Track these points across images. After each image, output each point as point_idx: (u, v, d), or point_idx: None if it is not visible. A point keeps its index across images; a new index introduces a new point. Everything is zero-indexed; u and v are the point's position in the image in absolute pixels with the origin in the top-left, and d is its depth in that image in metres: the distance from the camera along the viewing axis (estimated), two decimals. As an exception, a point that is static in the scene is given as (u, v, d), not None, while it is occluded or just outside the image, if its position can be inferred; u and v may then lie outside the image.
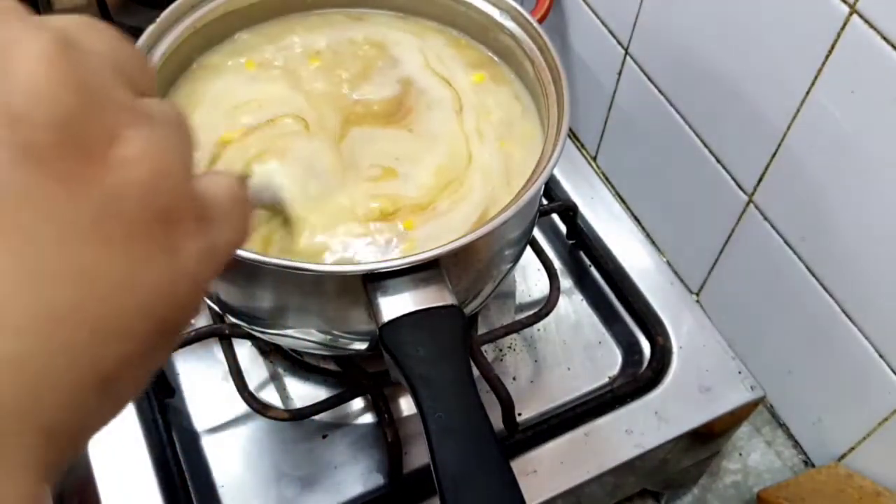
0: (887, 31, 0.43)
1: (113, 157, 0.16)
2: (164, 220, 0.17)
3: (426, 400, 0.35)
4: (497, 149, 0.49)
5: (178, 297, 0.18)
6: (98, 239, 0.16)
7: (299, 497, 0.49)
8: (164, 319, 0.17)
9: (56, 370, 0.15)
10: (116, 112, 0.17)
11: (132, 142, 0.17)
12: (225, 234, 0.20)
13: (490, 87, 0.52)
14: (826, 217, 0.52)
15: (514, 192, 0.43)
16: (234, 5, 0.51)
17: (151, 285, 0.17)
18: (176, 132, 0.19)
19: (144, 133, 0.17)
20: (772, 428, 0.63)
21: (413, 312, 0.37)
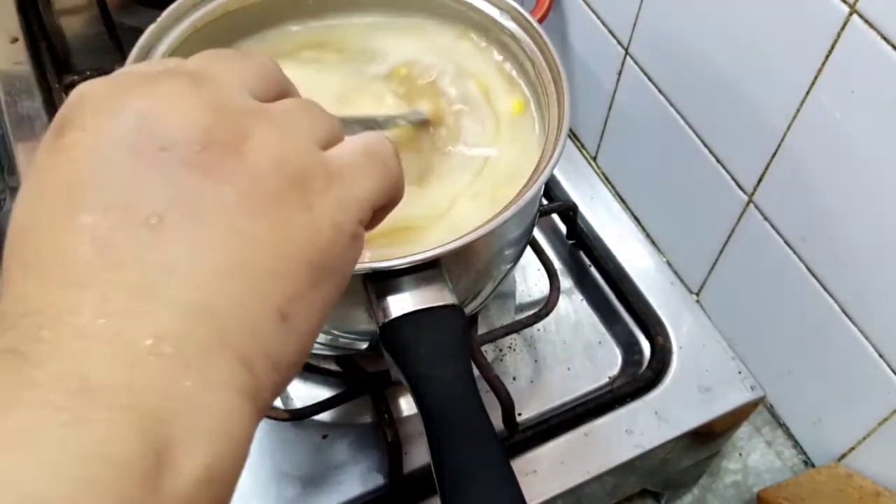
0: (887, 31, 0.43)
1: (245, 150, 0.22)
2: (295, 186, 0.22)
3: (426, 400, 0.35)
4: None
5: (323, 241, 0.22)
6: (246, 210, 0.21)
7: (299, 497, 0.49)
8: (315, 260, 0.22)
9: (234, 310, 0.20)
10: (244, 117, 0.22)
11: (259, 139, 0.22)
12: (360, 183, 0.24)
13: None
14: (826, 217, 0.52)
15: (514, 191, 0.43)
16: (234, 5, 0.51)
17: (299, 237, 0.22)
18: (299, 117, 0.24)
19: (266, 126, 0.22)
20: (772, 428, 0.63)
21: (413, 312, 0.37)
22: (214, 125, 0.21)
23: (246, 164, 0.21)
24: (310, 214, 0.22)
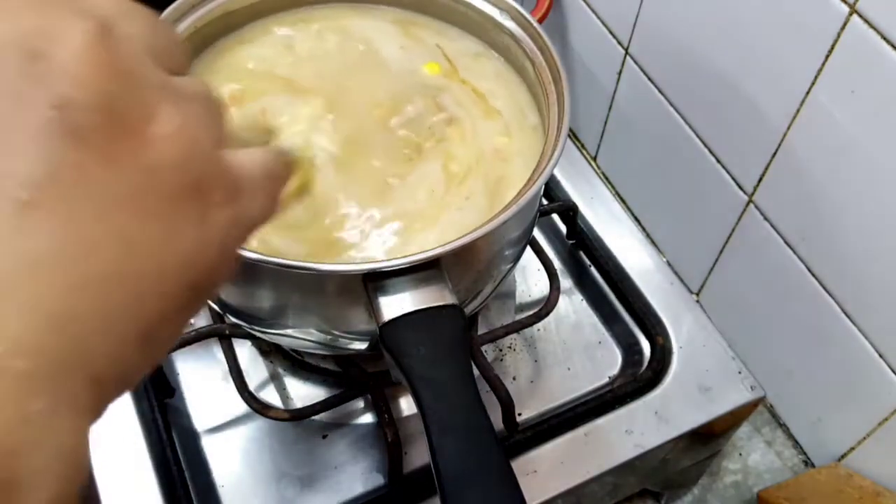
0: (887, 31, 0.43)
1: (149, 135, 0.18)
2: (195, 192, 0.19)
3: (427, 399, 0.35)
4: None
5: (207, 262, 0.19)
6: (136, 210, 0.18)
7: (299, 497, 0.49)
8: (195, 282, 0.19)
9: (101, 325, 0.17)
10: (151, 92, 0.19)
11: (165, 120, 0.18)
12: (254, 206, 0.21)
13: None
14: (826, 217, 0.52)
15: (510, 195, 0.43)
16: (234, 5, 0.51)
17: (183, 251, 0.19)
18: (205, 107, 0.20)
19: (176, 111, 0.19)
20: (772, 428, 0.63)
21: (413, 312, 0.37)
22: (120, 94, 0.18)
23: (147, 152, 0.18)
24: (201, 229, 0.19)
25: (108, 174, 0.17)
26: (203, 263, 0.19)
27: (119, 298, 0.17)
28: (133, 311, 0.18)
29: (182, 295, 0.19)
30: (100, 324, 0.17)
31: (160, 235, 0.18)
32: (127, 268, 0.17)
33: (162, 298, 0.18)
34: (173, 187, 0.18)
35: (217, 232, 0.20)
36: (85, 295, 0.16)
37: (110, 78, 0.18)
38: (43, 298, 0.16)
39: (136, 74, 0.18)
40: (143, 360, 0.19)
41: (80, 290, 0.16)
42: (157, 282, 0.18)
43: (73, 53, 0.17)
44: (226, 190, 0.20)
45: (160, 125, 0.18)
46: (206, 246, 0.19)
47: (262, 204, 0.22)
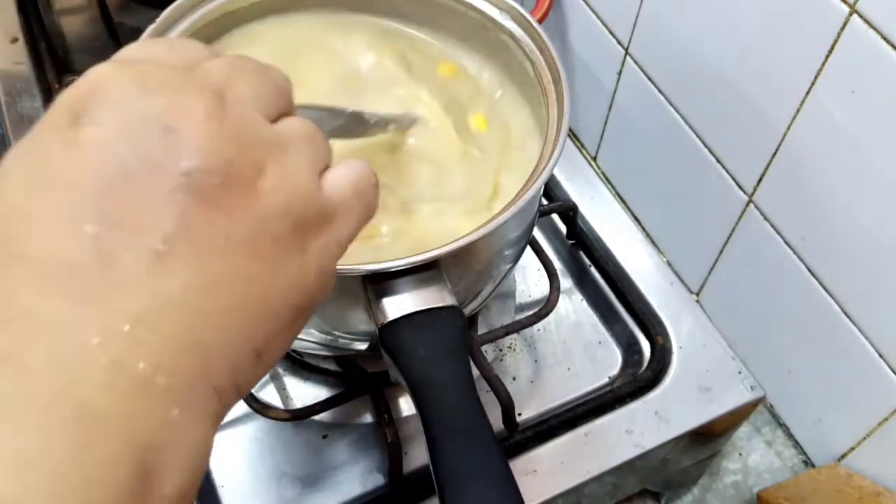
0: (887, 31, 0.43)
1: (258, 189, 0.22)
2: (296, 230, 0.22)
3: (425, 401, 0.35)
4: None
5: (307, 286, 0.23)
6: (251, 252, 0.21)
7: (299, 497, 0.49)
8: (298, 304, 0.23)
9: (223, 349, 0.20)
10: (259, 148, 0.22)
11: (272, 174, 0.22)
12: (346, 226, 0.25)
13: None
14: (826, 217, 0.52)
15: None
16: (234, 5, 0.51)
17: (288, 281, 0.22)
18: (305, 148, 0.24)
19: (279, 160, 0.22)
20: (772, 428, 0.63)
21: (413, 313, 0.37)
22: (236, 158, 0.21)
23: (258, 203, 0.21)
24: (302, 258, 0.23)
25: (226, 225, 0.21)
26: (303, 287, 0.23)
27: (236, 326, 0.21)
28: (247, 335, 0.21)
29: (287, 317, 0.22)
30: (222, 347, 0.20)
31: (269, 271, 0.22)
32: (242, 302, 0.21)
33: (270, 322, 0.22)
34: (279, 230, 0.22)
35: (314, 259, 0.23)
36: (209, 325, 0.20)
37: (225, 144, 0.21)
38: (178, 329, 0.19)
39: (246, 135, 0.22)
40: (257, 373, 0.22)
41: (206, 321, 0.20)
42: (266, 310, 0.22)
43: (196, 128, 0.21)
44: (321, 221, 0.23)
45: (267, 179, 0.22)
46: (305, 273, 0.23)
47: (354, 222, 0.25)
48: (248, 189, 0.21)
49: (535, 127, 0.51)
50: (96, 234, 0.19)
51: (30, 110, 0.67)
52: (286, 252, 0.22)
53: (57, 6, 0.78)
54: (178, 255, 0.20)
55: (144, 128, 0.20)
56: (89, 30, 0.77)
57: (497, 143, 0.51)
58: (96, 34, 0.75)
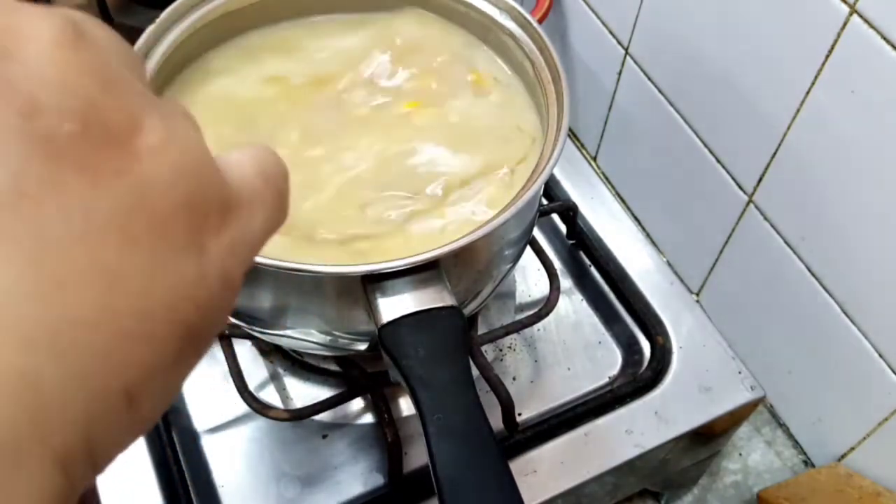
0: (887, 31, 0.43)
1: (135, 147, 0.15)
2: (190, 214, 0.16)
3: (425, 401, 0.35)
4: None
5: (207, 298, 0.16)
6: (122, 236, 0.14)
7: (299, 497, 0.49)
8: (192, 323, 0.16)
9: (73, 385, 0.13)
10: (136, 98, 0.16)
11: (155, 129, 0.16)
12: (257, 221, 0.18)
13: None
14: (826, 217, 0.52)
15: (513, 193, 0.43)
16: (234, 5, 0.51)
17: (177, 286, 0.15)
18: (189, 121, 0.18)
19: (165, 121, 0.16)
20: (772, 428, 0.63)
21: (412, 313, 0.37)
22: (101, 101, 0.15)
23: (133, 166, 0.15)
24: (199, 259, 0.16)
25: (89, 193, 0.14)
26: (200, 298, 0.16)
27: (94, 348, 0.14)
28: (111, 363, 0.14)
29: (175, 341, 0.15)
30: (68, 384, 0.13)
31: (149, 267, 0.15)
32: (106, 309, 0.14)
33: (151, 346, 0.15)
34: (164, 208, 0.15)
35: (216, 260, 0.16)
36: (51, 348, 0.13)
37: (90, 79, 0.15)
38: (5, 352, 0.12)
39: (118, 78, 0.16)
40: (124, 426, 0.15)
41: (47, 342, 0.13)
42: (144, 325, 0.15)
43: (43, 51, 0.14)
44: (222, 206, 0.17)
45: (147, 136, 0.15)
46: (202, 277, 0.16)
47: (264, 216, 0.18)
48: (119, 146, 0.15)
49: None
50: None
51: (30, 110, 0.67)
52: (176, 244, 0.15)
53: (57, 6, 0.78)
54: (10, 236, 0.13)
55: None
56: (89, 30, 0.77)
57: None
58: (96, 34, 0.75)
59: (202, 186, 0.16)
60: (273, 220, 0.19)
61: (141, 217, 0.15)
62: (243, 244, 0.18)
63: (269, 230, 0.19)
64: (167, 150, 0.15)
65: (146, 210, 0.15)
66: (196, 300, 0.16)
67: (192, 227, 0.16)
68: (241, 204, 0.18)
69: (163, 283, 0.15)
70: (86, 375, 0.13)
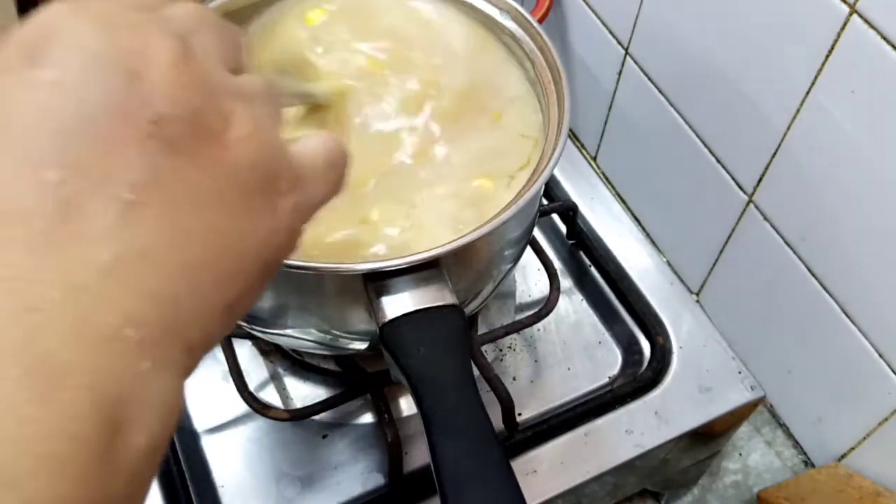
0: (887, 31, 0.43)
1: (227, 140, 0.21)
2: (266, 185, 0.22)
3: (426, 400, 0.35)
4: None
5: (278, 244, 0.23)
6: (223, 205, 0.21)
7: (299, 497, 0.49)
8: (269, 260, 0.22)
9: (195, 303, 0.20)
10: (226, 99, 0.21)
11: (239, 124, 0.21)
12: (315, 191, 0.24)
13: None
14: (826, 217, 0.52)
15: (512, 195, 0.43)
16: (234, 5, 0.51)
17: (259, 237, 0.22)
18: (268, 103, 0.23)
19: (248, 115, 0.22)
20: (772, 428, 0.63)
21: (413, 312, 0.37)
22: (203, 107, 0.21)
23: (228, 154, 0.21)
24: (273, 216, 0.22)
25: (197, 176, 0.20)
26: (275, 245, 0.22)
27: (210, 280, 0.20)
28: (221, 290, 0.21)
29: (258, 272, 0.22)
30: (194, 301, 0.20)
31: (241, 226, 0.21)
32: (216, 255, 0.20)
33: (242, 278, 0.21)
34: (249, 183, 0.21)
35: (285, 218, 0.23)
36: (182, 279, 0.20)
37: (193, 93, 0.20)
38: (149, 282, 0.19)
39: (213, 85, 0.21)
40: (225, 327, 0.22)
41: (178, 274, 0.19)
42: (239, 265, 0.21)
43: (163, 74, 0.20)
44: (291, 181, 0.23)
45: (235, 129, 0.21)
46: (276, 231, 0.22)
47: (324, 190, 0.25)
48: (216, 140, 0.21)
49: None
50: (60, 181, 0.18)
51: (30, 110, 0.67)
52: (257, 208, 0.22)
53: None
54: (149, 206, 0.19)
55: (109, 72, 0.19)
56: (89, 30, 0.77)
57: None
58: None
59: (275, 165, 0.22)
60: (329, 193, 0.25)
61: (233, 191, 0.21)
62: (305, 207, 0.24)
63: (326, 198, 0.25)
64: (250, 140, 0.21)
65: (237, 185, 0.21)
66: (271, 245, 0.22)
67: (268, 194, 0.22)
68: (305, 179, 0.24)
69: (252, 235, 0.22)
70: (205, 296, 0.20)
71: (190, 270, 0.20)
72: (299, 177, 0.23)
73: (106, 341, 0.18)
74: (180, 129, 0.20)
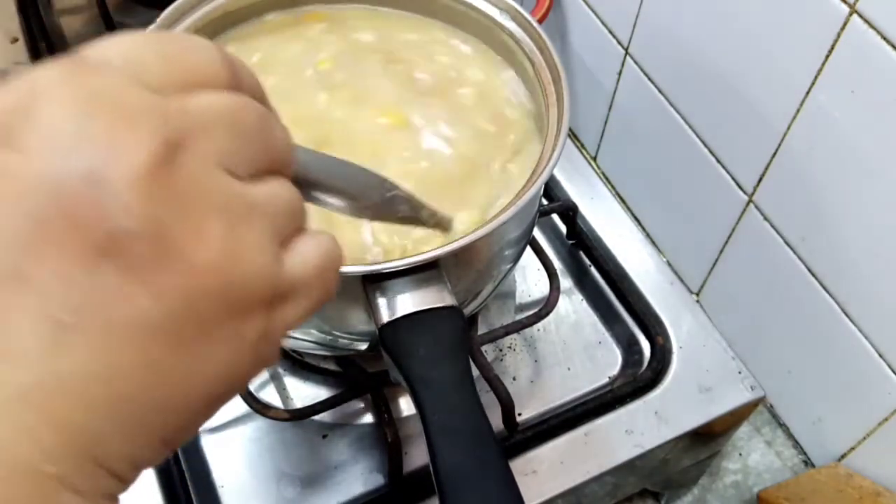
0: (887, 31, 0.43)
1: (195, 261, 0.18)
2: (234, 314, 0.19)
3: (426, 400, 0.35)
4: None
5: (236, 376, 0.20)
6: (172, 338, 0.18)
7: (299, 497, 0.49)
8: (220, 395, 0.20)
9: (124, 438, 0.18)
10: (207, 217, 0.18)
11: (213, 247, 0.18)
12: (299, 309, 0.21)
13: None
14: (826, 217, 0.52)
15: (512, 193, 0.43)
16: (234, 5, 0.51)
17: (214, 372, 0.19)
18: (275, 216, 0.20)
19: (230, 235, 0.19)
20: (772, 428, 0.63)
21: (413, 313, 0.37)
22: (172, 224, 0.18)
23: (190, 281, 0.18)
24: (236, 346, 0.19)
25: (147, 303, 0.17)
26: (232, 377, 0.20)
27: (141, 417, 0.18)
28: (154, 427, 0.19)
29: (204, 409, 0.20)
30: (122, 437, 0.18)
31: (190, 362, 0.18)
32: (153, 392, 0.18)
33: (183, 414, 0.19)
34: (210, 313, 0.18)
35: (252, 346, 0.20)
36: (108, 414, 0.17)
37: (162, 207, 0.18)
38: (71, 415, 0.17)
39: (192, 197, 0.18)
40: (163, 455, 0.20)
41: (103, 410, 0.17)
42: (181, 402, 0.19)
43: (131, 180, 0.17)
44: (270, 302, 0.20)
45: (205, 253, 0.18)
46: (237, 361, 0.20)
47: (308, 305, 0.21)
48: (180, 261, 0.18)
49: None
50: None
51: (30, 110, 0.67)
52: (216, 339, 0.19)
53: (57, 6, 0.78)
54: (83, 331, 0.17)
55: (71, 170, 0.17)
56: (89, 30, 0.77)
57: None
58: (96, 34, 0.74)
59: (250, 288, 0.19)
60: (315, 308, 0.22)
61: (188, 323, 0.18)
62: (283, 328, 0.21)
63: (310, 314, 0.22)
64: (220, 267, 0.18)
65: (194, 316, 0.18)
66: (227, 378, 0.19)
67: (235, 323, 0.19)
68: (291, 294, 0.21)
69: (201, 371, 0.19)
70: (134, 433, 0.18)
71: (118, 405, 0.18)
72: (283, 294, 0.20)
73: (21, 474, 0.16)
74: (138, 249, 0.17)
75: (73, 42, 0.77)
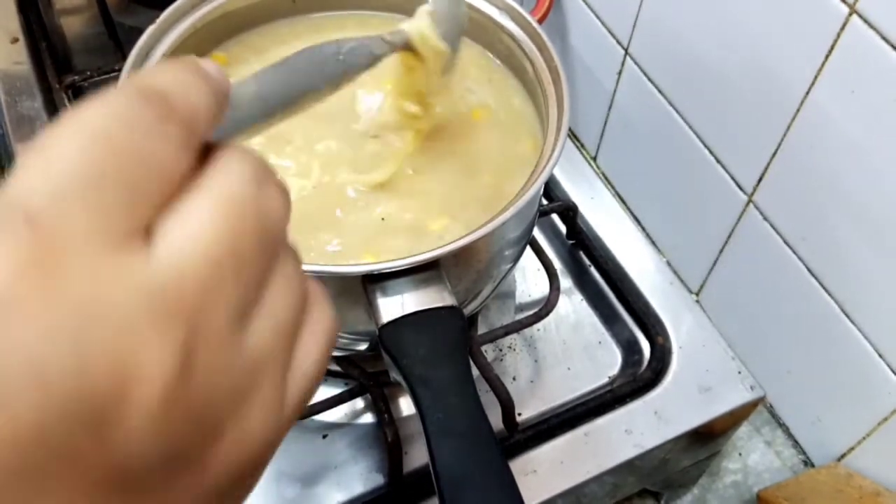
0: (887, 31, 0.43)
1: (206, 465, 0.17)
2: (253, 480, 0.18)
3: (425, 401, 0.35)
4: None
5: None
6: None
7: (299, 497, 0.49)
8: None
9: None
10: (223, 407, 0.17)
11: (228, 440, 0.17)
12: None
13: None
14: (826, 217, 0.52)
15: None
16: (233, 5, 0.51)
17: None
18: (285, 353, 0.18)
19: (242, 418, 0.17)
20: (772, 428, 0.63)
21: (412, 313, 0.37)
22: (190, 437, 0.16)
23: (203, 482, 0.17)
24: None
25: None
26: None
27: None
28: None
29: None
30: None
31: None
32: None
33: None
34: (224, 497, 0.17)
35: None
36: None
37: (180, 424, 0.15)
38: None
39: (211, 395, 0.16)
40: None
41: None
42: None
43: (144, 413, 0.15)
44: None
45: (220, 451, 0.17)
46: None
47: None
48: (193, 468, 0.16)
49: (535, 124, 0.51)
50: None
51: (30, 110, 0.67)
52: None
53: (57, 6, 0.78)
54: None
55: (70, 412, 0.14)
56: (89, 30, 0.77)
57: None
58: (96, 34, 0.75)
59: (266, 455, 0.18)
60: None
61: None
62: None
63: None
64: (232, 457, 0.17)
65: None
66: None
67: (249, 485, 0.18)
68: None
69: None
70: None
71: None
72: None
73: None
74: (148, 473, 0.15)
75: (73, 42, 0.77)
